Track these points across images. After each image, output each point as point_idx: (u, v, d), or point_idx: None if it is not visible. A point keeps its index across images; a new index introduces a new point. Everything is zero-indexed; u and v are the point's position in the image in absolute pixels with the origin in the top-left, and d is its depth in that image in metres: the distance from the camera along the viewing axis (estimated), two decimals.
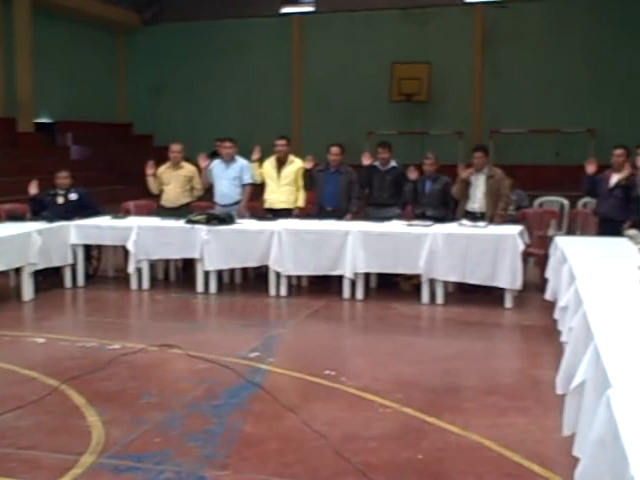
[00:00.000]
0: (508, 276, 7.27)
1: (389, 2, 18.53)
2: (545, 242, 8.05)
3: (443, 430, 4.34)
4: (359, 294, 7.83)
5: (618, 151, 7.81)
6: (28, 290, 7.90)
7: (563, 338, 4.87)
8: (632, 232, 6.60)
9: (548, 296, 6.46)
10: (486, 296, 7.65)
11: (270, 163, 9.07)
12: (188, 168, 9.26)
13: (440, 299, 7.58)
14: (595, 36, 17.18)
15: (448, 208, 8.47)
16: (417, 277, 7.72)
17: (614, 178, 7.74)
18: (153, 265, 8.83)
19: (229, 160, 9.12)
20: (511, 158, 15.86)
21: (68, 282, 8.53)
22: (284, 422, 4.51)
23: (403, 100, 18.34)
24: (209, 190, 9.33)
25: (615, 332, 3.49)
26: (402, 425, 4.46)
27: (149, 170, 9.16)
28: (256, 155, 9.13)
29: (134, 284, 8.44)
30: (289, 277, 8.13)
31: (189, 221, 8.35)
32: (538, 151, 17.27)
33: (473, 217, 8.05)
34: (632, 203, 7.44)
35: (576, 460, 2.91)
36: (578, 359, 3.66)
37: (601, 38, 17.10)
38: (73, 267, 8.57)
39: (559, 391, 4.15)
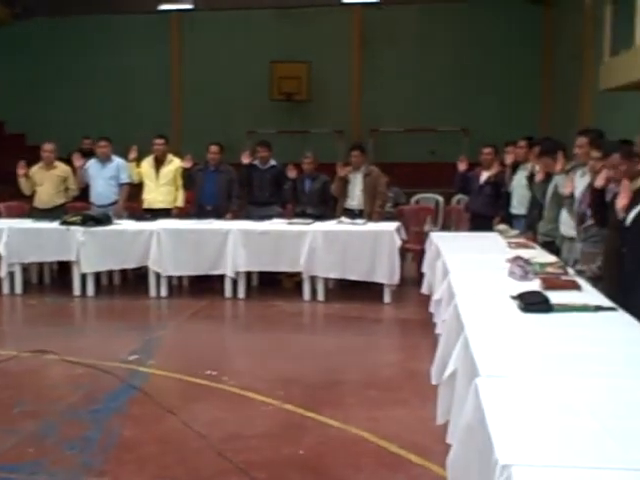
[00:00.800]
0: (386, 271, 7.45)
1: (268, 1, 18.54)
2: (421, 238, 8.29)
3: (324, 425, 4.40)
4: (241, 293, 7.82)
5: (487, 149, 8.15)
6: None
7: (437, 330, 5.03)
8: (501, 227, 6.89)
9: (424, 290, 6.65)
10: (366, 291, 7.80)
11: (148, 162, 8.92)
12: (62, 168, 8.96)
13: (321, 296, 7.67)
14: (467, 38, 17.77)
15: (327, 206, 8.59)
16: (299, 274, 7.78)
17: (484, 175, 8.06)
18: (26, 268, 8.50)
19: (105, 159, 8.90)
20: (389, 156, 16.20)
21: None
22: (164, 424, 4.45)
23: (283, 99, 18.39)
24: (85, 190, 9.07)
25: (484, 322, 3.63)
26: (283, 422, 4.49)
27: (20, 170, 8.81)
28: (133, 154, 8.95)
29: (6, 289, 8.10)
30: (169, 277, 8.02)
31: (64, 222, 8.09)
32: (415, 149, 17.71)
33: (352, 214, 8.20)
34: (501, 199, 7.77)
35: (449, 447, 3.01)
36: (450, 350, 3.78)
37: (473, 40, 17.71)
38: None
39: (434, 381, 4.28)
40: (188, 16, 19.18)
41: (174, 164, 8.87)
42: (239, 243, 7.71)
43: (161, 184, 8.79)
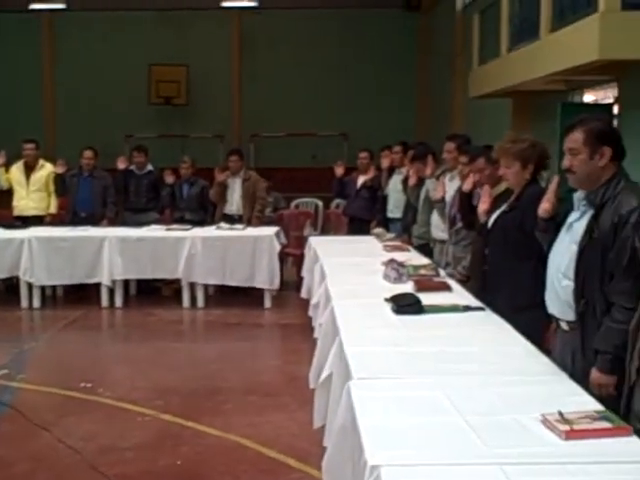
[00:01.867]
0: (266, 277, 7.46)
1: (145, 3, 18.21)
2: (301, 242, 8.34)
3: (202, 433, 4.36)
4: (118, 302, 7.65)
5: (362, 154, 8.31)
6: None
7: (316, 334, 5.07)
8: (378, 230, 7.03)
9: (304, 294, 6.68)
10: (246, 297, 7.78)
11: (18, 168, 8.57)
12: None
13: (201, 302, 7.60)
14: (345, 44, 18.06)
15: (206, 211, 8.52)
16: (178, 281, 7.68)
17: (361, 180, 8.21)
18: None
19: None
20: (270, 161, 16.24)
21: None
22: (36, 441, 4.29)
23: (162, 103, 18.11)
24: None
25: (358, 325, 3.69)
26: (160, 432, 4.42)
27: None
28: (0, 159, 8.58)
29: None
30: (43, 287, 7.74)
31: None
32: (296, 154, 17.82)
33: (231, 220, 8.17)
34: (378, 203, 7.92)
35: (326, 450, 3.05)
36: (326, 353, 3.82)
37: (352, 46, 18.01)
38: None
39: (312, 385, 4.32)
40: (61, 16, 18.57)
41: (46, 169, 8.56)
42: (115, 251, 7.53)
43: (32, 190, 8.47)
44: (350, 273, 5.22)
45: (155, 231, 7.91)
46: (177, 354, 6.23)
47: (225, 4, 17.88)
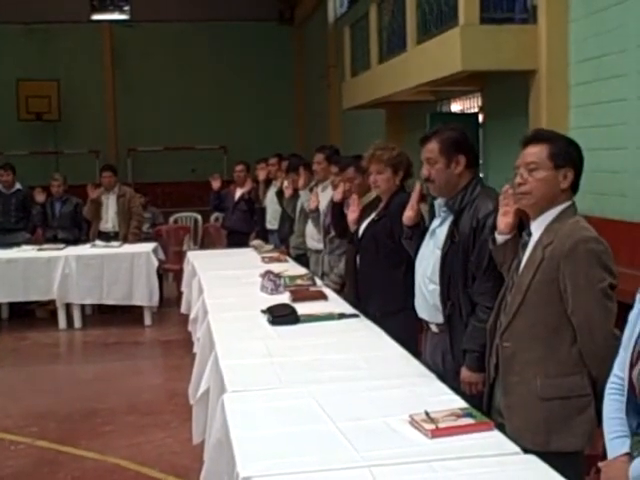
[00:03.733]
0: (145, 293, 7.34)
1: (12, 16, 17.57)
2: (181, 257, 8.26)
3: (80, 458, 4.25)
4: None
5: (239, 167, 8.33)
6: None
7: (194, 349, 5.03)
8: (256, 242, 7.05)
9: (183, 309, 6.59)
10: (126, 315, 7.61)
11: None
12: None
13: (78, 323, 7.41)
14: (221, 57, 18.04)
15: (81, 229, 8.31)
16: (52, 302, 7.44)
17: (238, 192, 8.22)
18: None
19: None
20: (149, 176, 16.02)
21: None
22: None
23: (33, 119, 17.52)
24: None
25: (234, 338, 3.69)
26: (36, 460, 4.27)
27: None
28: None
29: None
30: None
31: None
32: (175, 168, 17.62)
33: (107, 237, 7.99)
34: (255, 215, 7.96)
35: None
36: (203, 368, 3.80)
37: (229, 59, 18.01)
38: None
39: (191, 401, 4.28)
40: None
41: None
42: None
43: None
44: (228, 286, 5.21)
45: (26, 251, 7.64)
46: (53, 377, 6.04)
47: (95, 17, 17.53)
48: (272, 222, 7.47)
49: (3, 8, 17.38)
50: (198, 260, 6.50)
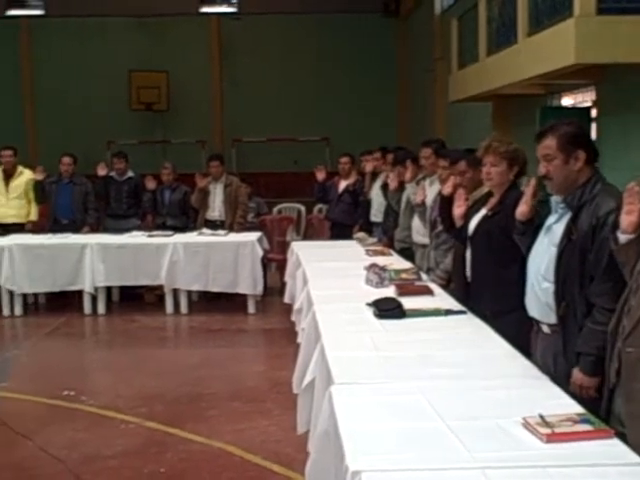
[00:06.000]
0: (249, 282, 7.45)
1: (124, 9, 18.16)
2: (284, 247, 8.35)
3: (186, 440, 4.35)
4: (101, 308, 7.62)
5: (343, 159, 8.32)
6: None
7: (299, 339, 5.07)
8: (360, 235, 7.04)
9: (287, 299, 6.67)
10: (230, 303, 7.76)
11: None
12: None
13: (184, 308, 7.58)
14: (326, 49, 18.10)
15: (188, 217, 8.50)
16: (161, 288, 7.65)
17: (342, 184, 8.23)
18: None
19: None
20: (253, 166, 16.23)
21: None
22: (18, 450, 4.27)
23: (143, 109, 18.06)
24: None
25: (340, 330, 3.70)
26: (144, 440, 4.40)
27: None
28: None
29: None
30: (24, 295, 7.69)
31: None
32: (278, 159, 17.82)
33: (213, 225, 8.15)
34: (360, 208, 7.94)
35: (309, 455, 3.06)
36: (309, 358, 3.83)
37: (332, 51, 18.06)
38: None
39: (295, 390, 4.32)
40: (39, 22, 18.50)
41: (25, 176, 8.52)
42: (97, 257, 7.51)
43: (11, 198, 8.42)
44: (332, 278, 5.23)
45: (137, 237, 7.89)
46: (160, 361, 6.22)
47: (204, 10, 17.89)
48: (377, 215, 7.43)
49: (117, 2, 18.00)
50: (302, 251, 6.56)
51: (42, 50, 18.51)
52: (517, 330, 3.46)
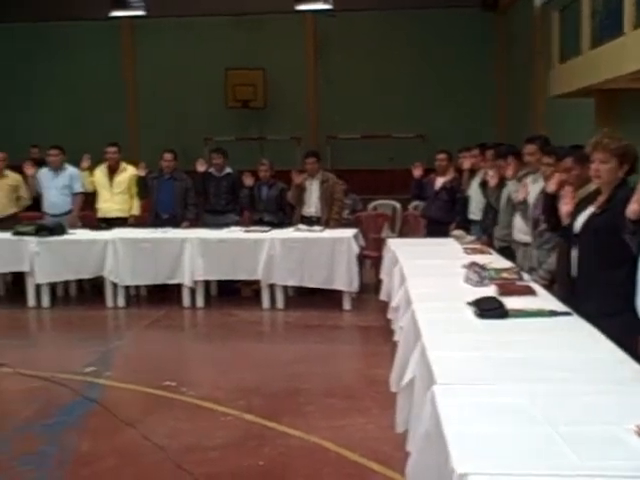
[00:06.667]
0: (345, 278, 7.45)
1: (222, 8, 18.48)
2: (379, 244, 8.31)
3: (284, 435, 4.39)
4: (199, 302, 7.77)
5: (440, 155, 8.21)
6: None
7: (396, 337, 5.05)
8: (457, 232, 6.95)
9: (383, 296, 6.66)
10: (325, 299, 7.78)
11: (101, 171, 8.83)
12: (13, 177, 8.80)
13: (280, 304, 7.65)
14: (421, 45, 17.94)
15: (285, 213, 8.58)
16: (257, 282, 7.75)
17: (438, 181, 8.13)
18: None
19: (57, 168, 8.78)
20: (347, 163, 16.24)
21: None
22: (121, 437, 4.40)
23: (239, 106, 18.35)
24: (37, 200, 8.93)
25: (440, 329, 3.66)
26: (243, 432, 4.47)
27: None
28: (85, 163, 8.85)
29: None
30: (127, 287, 7.93)
31: (17, 232, 7.96)
32: (372, 156, 17.78)
33: (309, 222, 8.20)
34: (457, 205, 7.83)
35: (409, 455, 3.03)
36: (408, 357, 3.80)
37: (428, 47, 17.88)
38: None
39: (393, 389, 4.30)
40: (140, 22, 19.02)
41: (128, 172, 8.79)
42: (196, 252, 7.66)
43: (115, 193, 8.71)
44: (430, 276, 5.18)
45: (234, 233, 8.02)
46: (258, 354, 6.30)
47: (299, 7, 18.00)
48: (475, 213, 7.31)
49: (215, 1, 18.34)
50: (399, 248, 6.52)
51: (143, 50, 19.07)
52: (623, 333, 3.33)
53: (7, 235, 7.97)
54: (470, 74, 17.46)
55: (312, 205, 8.39)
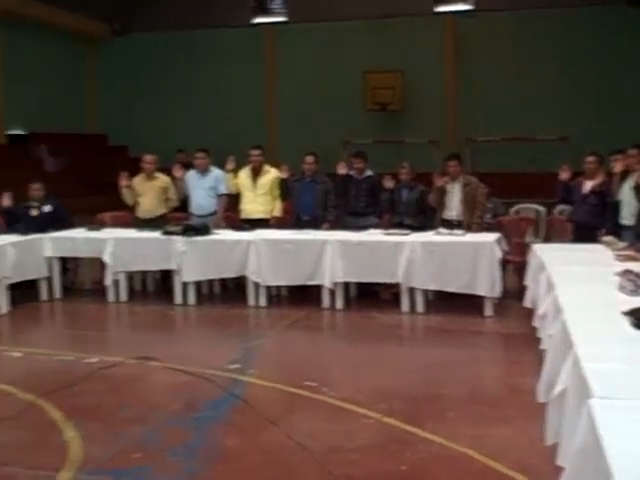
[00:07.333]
0: (487, 284, 7.27)
1: (360, 12, 18.61)
2: (522, 249, 8.09)
3: (426, 440, 4.32)
4: (339, 303, 7.81)
5: (590, 158, 7.87)
6: (3, 303, 7.81)
7: (543, 345, 4.88)
8: (608, 238, 6.64)
9: (527, 303, 6.47)
10: (465, 304, 7.64)
11: (245, 173, 9.05)
12: (162, 179, 9.20)
13: (420, 307, 7.57)
14: (566, 45, 17.37)
15: (425, 216, 8.49)
16: (396, 286, 7.71)
17: (587, 185, 7.79)
18: (131, 277, 8.78)
19: (203, 171, 9.09)
20: (487, 166, 15.94)
21: (44, 295, 8.45)
22: (265, 435, 4.48)
23: (377, 109, 18.42)
24: (185, 201, 9.28)
25: (594, 339, 3.50)
26: (384, 436, 4.44)
27: (123, 182, 9.08)
28: (230, 165, 9.10)
29: (111, 296, 8.36)
30: (268, 287, 8.09)
31: (165, 232, 8.31)
32: (513, 159, 17.38)
33: (450, 225, 8.08)
34: (607, 210, 7.49)
35: (559, 469, 2.91)
36: (558, 367, 3.67)
37: (572, 46, 17.29)
38: (49, 280, 8.48)
39: (541, 399, 4.16)
40: (281, 29, 19.46)
41: (271, 174, 8.98)
42: (336, 254, 7.70)
43: (259, 194, 8.91)
44: (580, 283, 5.00)
45: (374, 235, 8.01)
46: (397, 358, 6.26)
47: (439, 9, 17.83)
48: (628, 218, 6.97)
49: (353, 6, 18.48)
50: (545, 254, 6.32)
51: (283, 55, 19.51)
52: None
53: (157, 234, 8.33)
54: (618, 72, 16.74)
55: (453, 208, 8.27)
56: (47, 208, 8.87)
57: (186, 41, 19.78)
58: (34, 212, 8.78)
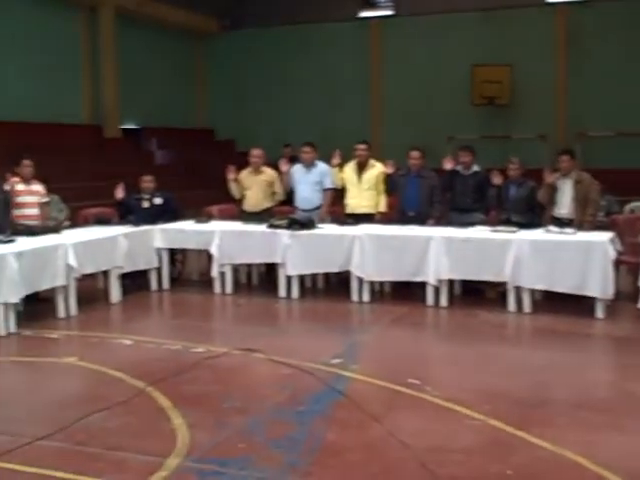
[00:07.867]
0: (599, 285, 6.99)
1: (468, 4, 18.30)
2: (637, 249, 7.74)
3: (533, 445, 4.19)
4: (443, 301, 7.70)
5: None
6: (115, 292, 8.09)
7: None
8: None
9: None
10: (575, 305, 7.37)
11: (351, 168, 9.04)
12: (269, 173, 9.30)
13: (527, 307, 7.37)
14: None
15: (534, 214, 8.24)
16: (502, 284, 7.53)
17: None
18: (236, 269, 8.93)
19: (309, 165, 9.13)
20: (598, 162, 15.35)
21: (154, 285, 8.70)
22: (368, 431, 4.45)
23: (485, 103, 18.07)
24: (290, 194, 9.36)
25: None
26: (489, 438, 4.34)
27: (230, 175, 9.23)
28: (336, 160, 9.10)
29: (217, 288, 8.53)
30: (372, 282, 8.06)
31: (271, 225, 8.40)
32: (628, 154, 16.70)
33: (560, 223, 7.82)
34: None
35: None
36: None
37: None
38: (158, 270, 8.73)
39: None
40: (388, 22, 19.37)
41: (376, 169, 8.93)
42: (441, 250, 7.59)
43: (364, 189, 8.88)
44: None
45: (481, 232, 7.85)
46: (503, 359, 6.11)
47: (550, 0, 17.33)
48: None
49: None
50: None
51: (389, 48, 19.41)
52: None
53: (262, 228, 8.43)
54: None
55: (564, 206, 8.00)
56: (158, 200, 9.12)
57: (293, 36, 19.97)
58: (145, 204, 9.05)
